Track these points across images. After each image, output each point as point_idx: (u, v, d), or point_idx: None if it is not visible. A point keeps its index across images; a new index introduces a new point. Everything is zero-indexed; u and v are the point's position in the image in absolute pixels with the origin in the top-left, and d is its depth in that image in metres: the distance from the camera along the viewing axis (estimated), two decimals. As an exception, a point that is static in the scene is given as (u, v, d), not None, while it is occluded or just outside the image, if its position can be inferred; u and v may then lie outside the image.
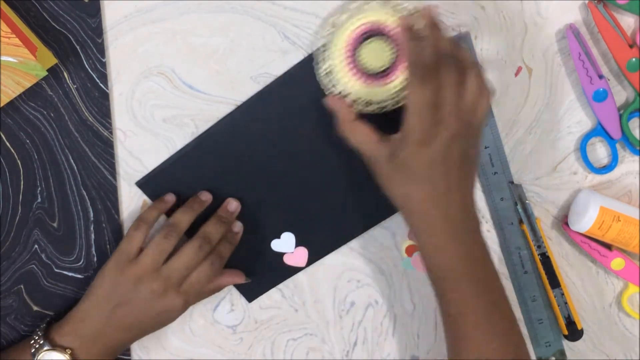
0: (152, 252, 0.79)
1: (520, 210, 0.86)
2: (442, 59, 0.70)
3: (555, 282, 0.87)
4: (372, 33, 0.77)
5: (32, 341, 0.79)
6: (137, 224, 0.80)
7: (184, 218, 0.80)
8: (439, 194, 0.71)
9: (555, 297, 0.88)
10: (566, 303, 0.88)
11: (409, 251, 0.88)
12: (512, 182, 0.86)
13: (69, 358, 0.78)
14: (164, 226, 0.80)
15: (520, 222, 0.86)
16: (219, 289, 0.85)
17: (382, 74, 0.77)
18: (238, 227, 0.85)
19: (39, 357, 0.78)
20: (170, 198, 0.83)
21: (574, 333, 0.89)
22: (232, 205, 0.83)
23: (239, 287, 0.88)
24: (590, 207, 0.83)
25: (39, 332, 0.80)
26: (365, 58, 0.77)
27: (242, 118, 0.81)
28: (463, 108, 0.70)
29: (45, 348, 0.78)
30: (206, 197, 0.83)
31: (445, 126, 0.69)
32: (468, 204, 0.74)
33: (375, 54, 0.77)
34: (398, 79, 0.77)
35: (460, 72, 0.70)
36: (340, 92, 0.78)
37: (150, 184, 0.83)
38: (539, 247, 0.87)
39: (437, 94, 0.69)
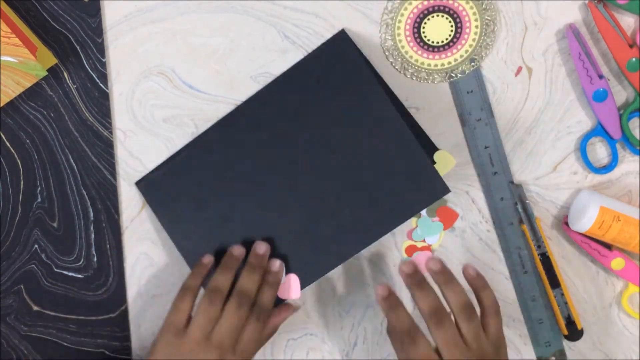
0: (201, 322, 0.77)
1: (520, 210, 0.86)
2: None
3: (555, 282, 0.87)
4: (435, 8, 0.78)
5: None
6: (182, 294, 0.79)
7: (223, 279, 0.79)
8: None
9: (555, 297, 0.88)
10: (566, 303, 0.88)
11: (409, 251, 0.88)
12: (512, 182, 0.86)
13: None
14: (207, 292, 0.78)
15: (521, 222, 0.86)
16: (274, 331, 0.83)
17: (441, 48, 0.78)
18: (277, 266, 0.82)
19: None
20: (208, 260, 0.81)
21: (574, 333, 0.89)
22: (262, 248, 0.81)
23: None
24: (590, 207, 0.83)
25: None
26: (427, 31, 0.77)
27: (241, 118, 0.81)
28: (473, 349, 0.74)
29: None
30: (239, 251, 0.81)
31: None
32: None
33: (437, 29, 0.78)
34: (456, 54, 0.77)
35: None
36: (399, 61, 0.78)
37: (149, 185, 0.83)
38: (538, 247, 0.87)
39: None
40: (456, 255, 0.89)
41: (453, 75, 0.81)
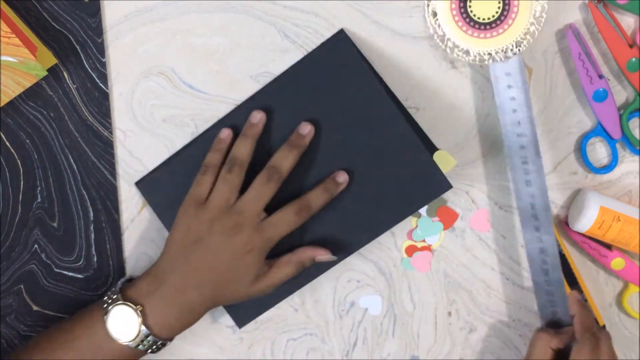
0: (221, 189, 0.76)
1: None
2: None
3: (573, 281, 0.87)
4: None
5: (106, 296, 0.77)
6: (204, 169, 0.78)
7: (242, 149, 0.77)
8: None
9: None
10: (586, 300, 0.88)
11: (409, 251, 0.88)
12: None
13: (138, 315, 0.75)
14: (226, 162, 0.77)
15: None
16: (300, 262, 0.80)
17: (487, 26, 0.77)
18: (342, 177, 0.79)
19: (109, 310, 0.75)
20: (226, 134, 0.79)
21: None
22: (306, 128, 0.78)
23: (230, 311, 0.85)
24: (590, 207, 0.83)
25: (117, 285, 0.78)
26: (474, 8, 0.77)
27: (242, 117, 0.81)
28: None
29: (118, 303, 0.75)
30: (257, 117, 0.79)
31: None
32: None
33: (484, 6, 0.77)
34: (501, 34, 0.77)
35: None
36: (442, 36, 0.78)
37: (149, 184, 0.83)
38: None
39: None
40: (456, 255, 0.89)
41: (497, 57, 0.79)
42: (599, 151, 0.86)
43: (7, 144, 0.81)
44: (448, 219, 0.87)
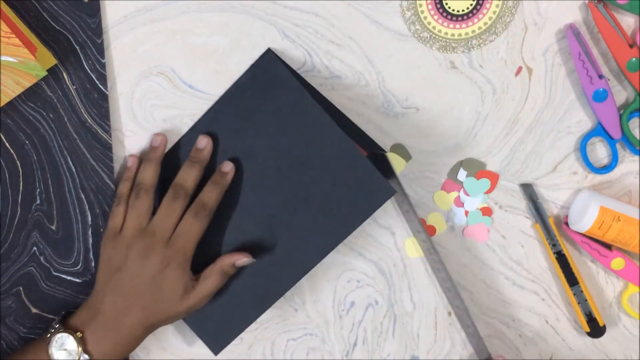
0: (131, 216, 0.79)
1: (532, 209, 0.86)
2: None
3: (573, 280, 0.87)
4: None
5: (50, 327, 0.79)
6: (117, 201, 0.81)
7: (146, 173, 0.80)
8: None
9: (574, 294, 0.88)
10: (586, 300, 0.88)
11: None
12: (522, 183, 0.86)
13: (78, 342, 0.77)
14: (133, 190, 0.80)
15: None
16: (221, 270, 0.81)
17: (464, 17, 0.78)
18: (227, 166, 0.81)
19: (51, 338, 0.78)
20: (132, 161, 0.82)
21: (596, 330, 0.89)
22: (202, 142, 0.81)
23: (204, 338, 0.85)
24: (590, 207, 0.83)
25: (58, 318, 0.80)
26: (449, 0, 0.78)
27: (186, 147, 0.82)
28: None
29: (59, 330, 0.78)
30: (157, 141, 0.81)
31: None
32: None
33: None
34: (477, 23, 0.78)
35: None
36: (422, 30, 0.79)
37: None
38: (553, 245, 0.87)
39: None
40: (456, 255, 0.89)
41: (472, 46, 0.80)
42: (599, 151, 0.86)
43: (7, 144, 0.81)
44: (492, 180, 0.87)
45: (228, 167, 0.80)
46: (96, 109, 0.81)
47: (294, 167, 0.80)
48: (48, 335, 0.78)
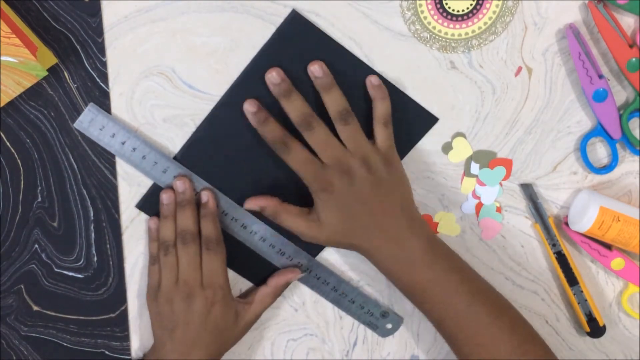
0: (165, 273, 0.82)
1: (532, 209, 0.86)
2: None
3: (573, 280, 0.87)
4: None
5: None
6: (151, 260, 0.84)
7: (165, 229, 0.82)
8: (383, 237, 0.79)
9: (574, 294, 0.88)
10: (586, 300, 0.88)
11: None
12: (523, 183, 0.86)
13: None
14: (159, 248, 0.83)
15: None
16: (276, 291, 0.86)
17: (464, 17, 0.78)
18: (205, 196, 0.82)
19: None
20: (153, 224, 0.84)
21: (596, 330, 0.89)
22: (180, 186, 0.82)
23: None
24: (590, 207, 0.83)
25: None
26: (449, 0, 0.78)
27: (224, 117, 0.82)
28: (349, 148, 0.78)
29: None
30: (166, 199, 0.82)
31: (331, 171, 0.77)
32: (413, 218, 0.80)
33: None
34: (477, 23, 0.78)
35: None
36: (422, 30, 0.79)
37: (149, 203, 0.84)
38: (553, 245, 0.87)
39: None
40: (456, 255, 0.89)
41: (472, 46, 0.80)
42: (599, 151, 0.86)
43: (8, 143, 0.81)
44: (506, 166, 0.86)
45: (205, 198, 0.82)
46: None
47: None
48: None
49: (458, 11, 0.79)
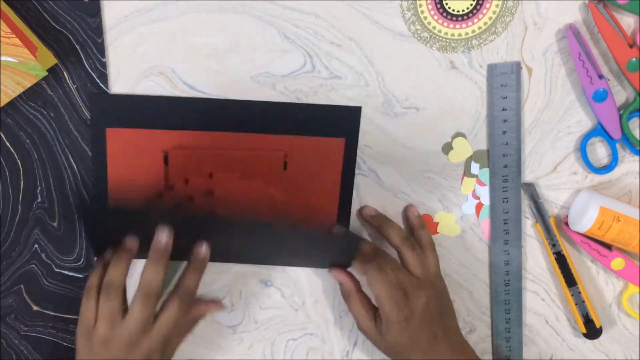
0: (103, 317, 0.77)
1: (533, 209, 0.86)
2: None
3: (571, 281, 0.87)
4: None
5: None
6: (86, 293, 0.79)
7: (115, 273, 0.78)
8: (429, 350, 0.81)
9: (572, 295, 0.88)
10: (583, 301, 0.88)
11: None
12: (524, 182, 0.86)
13: None
14: (103, 287, 0.78)
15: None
16: (194, 322, 0.83)
17: (464, 17, 0.78)
18: (203, 251, 0.81)
19: None
20: (110, 253, 0.80)
21: (593, 331, 0.89)
22: (162, 237, 0.78)
23: None
24: (590, 207, 0.83)
25: None
26: (449, 1, 0.78)
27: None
28: (417, 274, 0.82)
29: None
30: (130, 244, 0.80)
31: (414, 299, 0.80)
32: (457, 342, 0.84)
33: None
34: (477, 23, 0.78)
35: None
36: (423, 30, 0.79)
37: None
38: (553, 245, 0.87)
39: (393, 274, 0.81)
40: (456, 255, 0.89)
41: (472, 46, 0.80)
42: (599, 151, 0.86)
43: (7, 144, 0.81)
44: None
45: (203, 251, 0.80)
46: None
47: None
48: None
49: (458, 11, 0.79)
